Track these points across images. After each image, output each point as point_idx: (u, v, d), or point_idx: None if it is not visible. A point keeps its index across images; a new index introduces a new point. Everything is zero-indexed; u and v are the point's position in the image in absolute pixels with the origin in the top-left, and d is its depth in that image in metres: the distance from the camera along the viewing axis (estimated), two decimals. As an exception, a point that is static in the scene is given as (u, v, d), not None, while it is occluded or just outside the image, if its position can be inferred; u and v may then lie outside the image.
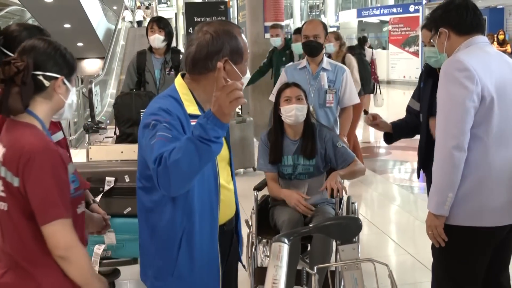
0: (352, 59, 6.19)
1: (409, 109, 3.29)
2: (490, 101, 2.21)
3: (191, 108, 1.89)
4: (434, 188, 2.32)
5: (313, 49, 3.77)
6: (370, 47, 13.12)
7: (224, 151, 1.98)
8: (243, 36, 1.94)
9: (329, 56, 5.37)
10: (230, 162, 2.11)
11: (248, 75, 1.98)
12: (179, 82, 1.96)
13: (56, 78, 1.75)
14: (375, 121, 3.19)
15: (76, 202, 1.77)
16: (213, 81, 1.80)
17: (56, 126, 2.31)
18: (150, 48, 4.48)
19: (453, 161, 2.21)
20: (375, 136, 10.23)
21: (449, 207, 2.28)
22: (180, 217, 1.88)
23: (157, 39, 4.34)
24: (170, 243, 1.89)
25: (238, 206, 2.18)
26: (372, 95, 10.20)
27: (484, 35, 2.42)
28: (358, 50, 8.66)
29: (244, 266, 2.53)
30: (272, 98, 3.94)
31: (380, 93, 11.02)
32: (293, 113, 3.18)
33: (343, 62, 5.57)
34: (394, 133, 3.23)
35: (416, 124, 3.18)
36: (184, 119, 1.83)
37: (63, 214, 1.63)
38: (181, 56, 4.47)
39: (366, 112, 13.35)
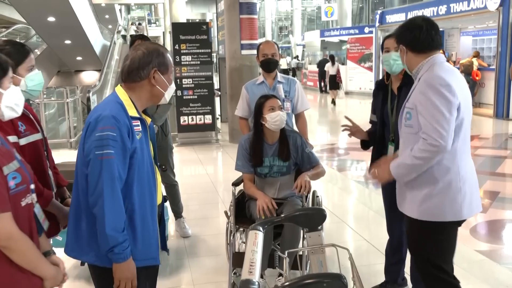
0: None
1: (371, 122, 3.29)
2: (462, 114, 2.23)
3: (132, 111, 1.97)
4: (406, 166, 2.31)
5: (271, 65, 3.78)
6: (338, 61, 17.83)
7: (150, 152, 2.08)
8: (168, 54, 2.09)
9: None
10: (155, 161, 2.15)
11: (173, 85, 2.12)
12: (120, 91, 2.03)
13: None
14: (352, 128, 3.17)
15: (19, 197, 1.67)
16: (145, 89, 2.02)
17: (34, 128, 2.26)
18: None
19: (430, 159, 2.22)
20: (336, 139, 10.32)
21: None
22: (123, 200, 1.90)
23: None
24: None
25: (163, 200, 2.25)
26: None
27: (440, 51, 2.40)
28: None
29: (168, 252, 2.51)
30: (237, 112, 3.94)
31: (341, 89, 17.03)
32: (278, 118, 3.17)
33: None
34: (370, 140, 3.22)
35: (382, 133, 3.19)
36: (127, 121, 1.92)
37: None
38: None
39: (333, 101, 16.08)
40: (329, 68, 16.93)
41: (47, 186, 2.24)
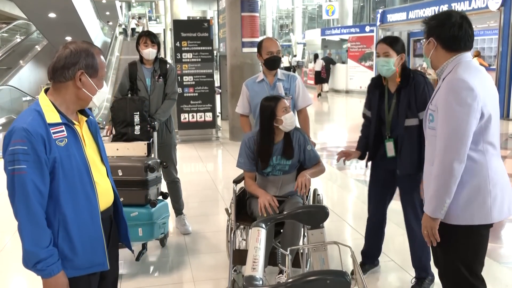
0: None
1: (364, 116, 3.45)
2: (488, 116, 2.17)
3: (52, 117, 1.88)
4: (433, 194, 2.19)
5: (276, 63, 3.76)
6: (328, 59, 20.26)
7: (94, 154, 2.03)
8: (101, 56, 1.98)
9: None
10: (103, 161, 2.09)
11: (105, 89, 2.02)
12: (41, 96, 1.94)
13: None
14: (346, 157, 3.43)
15: None
16: (70, 91, 1.93)
17: None
18: (141, 60, 4.37)
19: (453, 173, 2.13)
20: (333, 139, 10.32)
21: (445, 211, 2.18)
22: (53, 213, 1.86)
23: (151, 53, 4.27)
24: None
25: (117, 198, 2.15)
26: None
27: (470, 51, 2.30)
28: None
29: (132, 250, 2.44)
30: (238, 110, 3.93)
31: (327, 83, 19.78)
32: (293, 119, 3.21)
33: None
34: (362, 153, 3.44)
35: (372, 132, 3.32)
36: (43, 131, 1.82)
37: None
38: (167, 65, 4.42)
39: (319, 95, 18.00)
40: (314, 65, 19.55)
41: None
